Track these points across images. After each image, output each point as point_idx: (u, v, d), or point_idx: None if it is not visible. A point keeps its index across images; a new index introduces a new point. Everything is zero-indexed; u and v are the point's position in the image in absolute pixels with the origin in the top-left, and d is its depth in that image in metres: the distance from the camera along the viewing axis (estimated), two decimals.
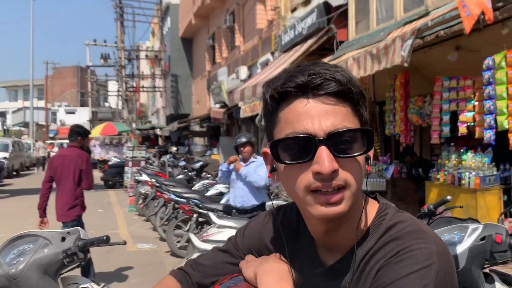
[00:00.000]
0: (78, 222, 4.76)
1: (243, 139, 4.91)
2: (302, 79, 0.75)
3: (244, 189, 5.02)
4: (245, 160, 4.98)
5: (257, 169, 4.76)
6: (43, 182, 4.81)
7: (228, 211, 5.14)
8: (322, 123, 0.74)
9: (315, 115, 0.74)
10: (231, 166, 5.07)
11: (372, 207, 0.85)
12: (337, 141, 0.74)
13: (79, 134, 4.88)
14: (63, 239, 1.92)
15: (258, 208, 5.04)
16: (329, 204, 0.75)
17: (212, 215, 4.49)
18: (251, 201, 5.04)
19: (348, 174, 0.75)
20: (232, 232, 3.87)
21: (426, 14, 6.32)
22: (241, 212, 5.03)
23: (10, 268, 1.78)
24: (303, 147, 0.75)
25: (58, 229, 1.98)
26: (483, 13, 4.51)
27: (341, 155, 0.74)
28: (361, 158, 0.77)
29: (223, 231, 4.20)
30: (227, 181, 5.45)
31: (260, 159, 4.79)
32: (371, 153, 0.80)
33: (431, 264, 0.72)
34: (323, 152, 0.73)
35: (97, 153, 18.30)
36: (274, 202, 4.51)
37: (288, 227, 0.93)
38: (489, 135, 5.05)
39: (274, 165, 0.82)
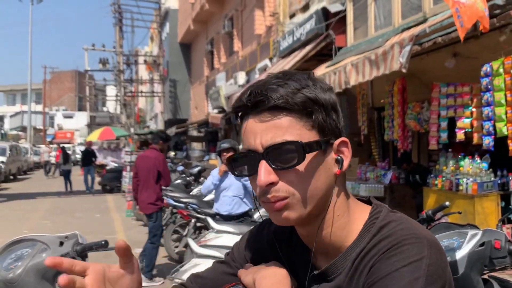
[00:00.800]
0: (157, 214, 5.53)
1: (226, 145, 4.93)
2: (244, 99, 0.81)
3: (231, 197, 5.04)
4: None
5: None
6: (132, 177, 6.00)
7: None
8: (262, 138, 0.79)
9: (257, 132, 0.79)
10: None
11: (365, 208, 0.87)
12: (275, 154, 0.78)
13: (161, 138, 5.76)
14: (61, 243, 1.91)
15: (244, 214, 5.06)
16: (276, 212, 0.80)
17: (210, 220, 4.47)
18: (238, 209, 5.07)
19: (289, 185, 0.79)
20: (231, 237, 3.84)
21: (424, 20, 6.35)
22: (227, 219, 5.04)
23: (8, 273, 1.77)
24: (249, 162, 0.82)
25: (56, 234, 1.97)
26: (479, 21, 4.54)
27: (279, 168, 0.78)
28: (309, 167, 0.79)
29: (221, 236, 4.19)
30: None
31: None
32: (347, 155, 0.84)
33: (422, 258, 0.73)
34: (262, 166, 0.78)
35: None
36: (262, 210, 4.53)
37: (281, 234, 0.96)
38: (488, 141, 5.07)
39: None
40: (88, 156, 16.00)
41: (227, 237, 4.10)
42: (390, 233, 0.78)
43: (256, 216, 4.99)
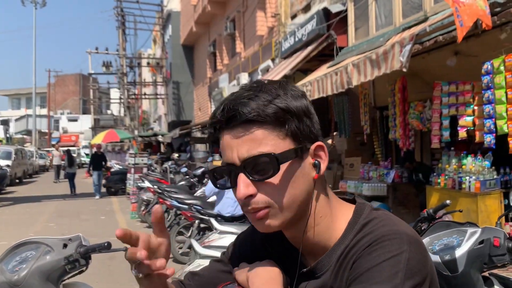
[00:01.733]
0: None
1: None
2: (218, 115, 0.83)
3: (233, 199, 5.07)
4: None
5: None
6: None
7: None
8: (238, 151, 0.80)
9: (234, 146, 0.81)
10: None
11: (350, 208, 0.90)
12: (252, 166, 0.80)
13: None
14: (65, 246, 1.93)
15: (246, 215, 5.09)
16: (258, 220, 0.83)
17: (213, 221, 4.50)
18: (240, 210, 5.09)
19: (267, 196, 0.81)
20: (233, 238, 3.86)
21: (425, 19, 6.35)
22: (229, 220, 5.07)
23: (13, 275, 1.80)
24: (229, 175, 0.84)
25: (62, 236, 2.00)
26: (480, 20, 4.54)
27: (257, 179, 0.80)
28: (285, 175, 0.81)
29: (224, 237, 4.22)
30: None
31: None
32: (323, 159, 0.85)
33: (401, 252, 0.75)
34: (240, 179, 0.81)
35: None
36: None
37: (273, 235, 0.97)
38: (489, 139, 5.06)
39: None
40: (98, 160, 15.04)
41: (230, 238, 4.13)
42: (371, 229, 0.81)
43: None
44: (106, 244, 2.04)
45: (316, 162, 0.84)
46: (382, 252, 0.76)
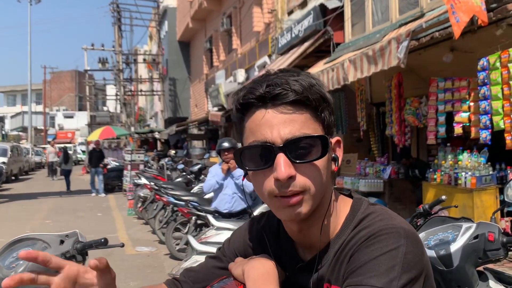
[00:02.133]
0: None
1: (227, 144, 4.92)
2: (260, 90, 0.80)
3: (231, 195, 5.08)
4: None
5: None
6: None
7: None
8: (280, 131, 0.78)
9: (274, 124, 0.79)
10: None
11: (347, 203, 0.90)
12: (294, 148, 0.78)
13: None
14: (62, 242, 1.93)
15: (243, 211, 5.09)
16: (290, 207, 0.80)
17: (210, 217, 4.51)
18: (237, 206, 5.10)
19: (306, 179, 0.79)
20: (230, 234, 3.86)
21: (421, 16, 6.36)
22: (226, 216, 5.07)
23: (10, 272, 1.79)
24: (263, 155, 0.80)
25: (58, 233, 2.00)
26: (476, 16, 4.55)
27: (298, 161, 0.78)
28: (321, 162, 0.81)
29: (221, 233, 4.23)
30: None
31: None
32: (340, 154, 0.86)
33: (399, 246, 0.76)
34: (281, 159, 0.78)
35: None
36: (263, 206, 4.58)
37: (269, 230, 0.99)
38: (485, 135, 5.09)
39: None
40: (96, 157, 14.67)
41: (227, 234, 4.13)
42: (369, 224, 0.82)
43: (256, 212, 5.03)
44: (103, 240, 2.05)
45: (335, 155, 0.86)
46: (380, 246, 0.77)
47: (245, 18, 14.95)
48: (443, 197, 2.88)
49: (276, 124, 0.79)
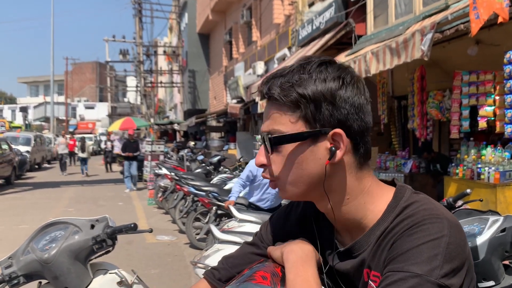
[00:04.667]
0: None
1: None
2: (260, 85, 0.91)
3: (273, 194, 5.19)
4: None
5: None
6: None
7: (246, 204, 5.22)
8: (264, 124, 0.90)
9: (264, 117, 0.91)
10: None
11: (390, 190, 0.91)
12: (268, 140, 0.88)
13: None
14: (92, 226, 1.99)
15: (279, 206, 5.18)
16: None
17: (232, 209, 4.51)
18: (277, 202, 5.27)
19: (277, 168, 0.89)
20: (253, 226, 3.87)
21: (446, 8, 6.25)
22: (258, 209, 5.16)
23: (43, 253, 1.86)
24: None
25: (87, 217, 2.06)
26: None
27: (270, 152, 0.89)
28: (295, 153, 0.86)
29: (244, 225, 4.21)
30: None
31: None
32: (341, 148, 0.85)
33: (442, 236, 0.77)
34: (261, 148, 0.92)
35: (117, 147, 18.57)
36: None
37: (308, 215, 1.02)
38: (510, 130, 4.99)
39: None
40: (131, 148, 12.95)
41: (249, 226, 4.14)
42: (412, 212, 0.82)
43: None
44: (132, 225, 2.10)
45: (332, 148, 0.85)
46: (423, 235, 0.77)
47: (265, 10, 14.89)
48: (468, 190, 2.86)
49: (265, 117, 0.90)
